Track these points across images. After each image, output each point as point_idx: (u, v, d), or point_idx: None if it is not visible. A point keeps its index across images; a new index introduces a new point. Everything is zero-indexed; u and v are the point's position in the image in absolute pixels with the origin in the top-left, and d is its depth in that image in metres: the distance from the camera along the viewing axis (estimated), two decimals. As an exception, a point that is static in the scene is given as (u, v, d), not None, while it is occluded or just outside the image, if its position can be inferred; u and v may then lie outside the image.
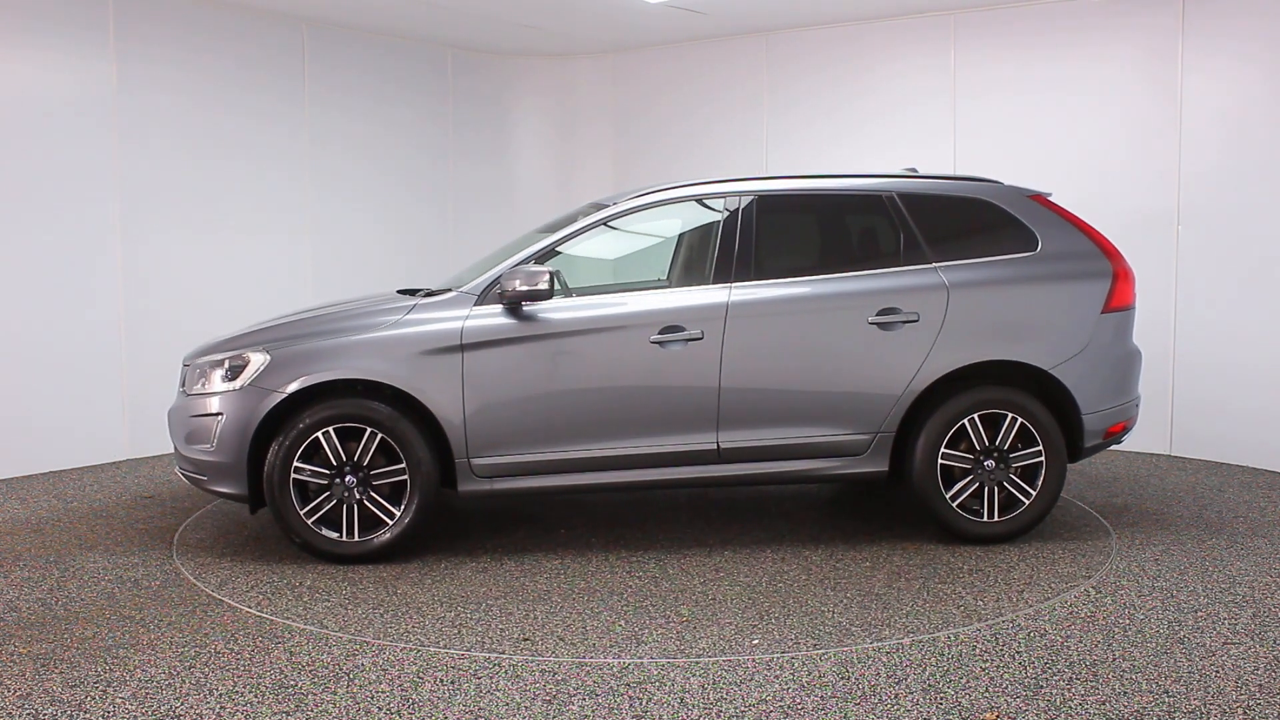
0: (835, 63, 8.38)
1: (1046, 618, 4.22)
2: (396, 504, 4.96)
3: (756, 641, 3.99)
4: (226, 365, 5.04)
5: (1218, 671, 3.69)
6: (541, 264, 5.11)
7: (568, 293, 5.21)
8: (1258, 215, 6.75)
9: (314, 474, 4.91)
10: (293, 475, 4.89)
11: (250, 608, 4.39)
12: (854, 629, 4.11)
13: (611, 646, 3.97)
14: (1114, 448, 6.60)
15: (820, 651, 3.90)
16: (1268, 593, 4.50)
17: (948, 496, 5.13)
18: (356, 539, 4.94)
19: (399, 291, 5.56)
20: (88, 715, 3.40)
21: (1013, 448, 5.16)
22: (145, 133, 7.28)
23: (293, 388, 4.89)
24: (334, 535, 4.94)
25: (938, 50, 7.92)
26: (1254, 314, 6.80)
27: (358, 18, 8.14)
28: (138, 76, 7.22)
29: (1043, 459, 5.15)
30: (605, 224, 5.27)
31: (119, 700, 3.51)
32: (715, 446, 5.08)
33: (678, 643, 4.00)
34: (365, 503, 4.94)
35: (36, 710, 3.44)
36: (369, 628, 4.16)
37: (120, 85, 7.15)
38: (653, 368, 5.04)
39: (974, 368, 5.19)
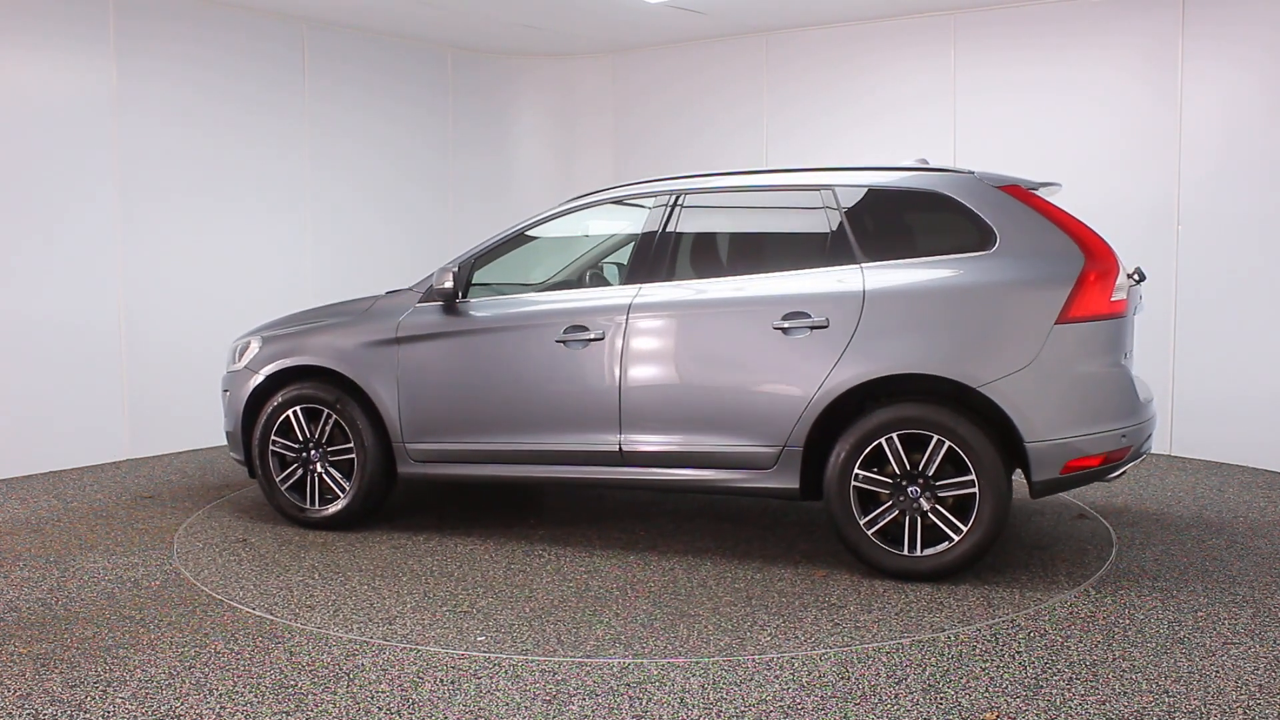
0: (835, 63, 8.39)
1: (1046, 618, 4.22)
2: (350, 479, 5.46)
3: (482, 639, 4.04)
4: (238, 349, 5.83)
5: (1218, 671, 3.69)
6: (485, 263, 5.38)
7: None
8: (1257, 216, 6.76)
9: (286, 447, 5.56)
10: (271, 447, 5.56)
11: (250, 608, 4.40)
12: (582, 642, 4.02)
13: (360, 624, 4.20)
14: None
15: (820, 651, 3.90)
16: (1268, 593, 4.50)
17: (863, 523, 4.61)
18: (315, 507, 5.53)
19: (388, 292, 5.75)
20: (88, 715, 3.40)
21: (941, 474, 4.54)
22: (145, 132, 7.28)
23: (267, 371, 5.58)
24: (299, 502, 5.55)
25: (938, 50, 7.92)
26: (1254, 314, 6.80)
27: (357, 18, 8.14)
28: (138, 76, 7.22)
29: (975, 489, 4.48)
30: (547, 223, 5.43)
31: (119, 700, 3.51)
32: (618, 448, 5.01)
33: (429, 630, 4.14)
34: (324, 476, 5.52)
35: (36, 710, 3.44)
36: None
37: (120, 85, 7.15)
38: (557, 366, 5.09)
39: (900, 381, 4.63)
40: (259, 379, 5.59)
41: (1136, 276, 4.92)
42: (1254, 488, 6.33)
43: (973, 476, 4.48)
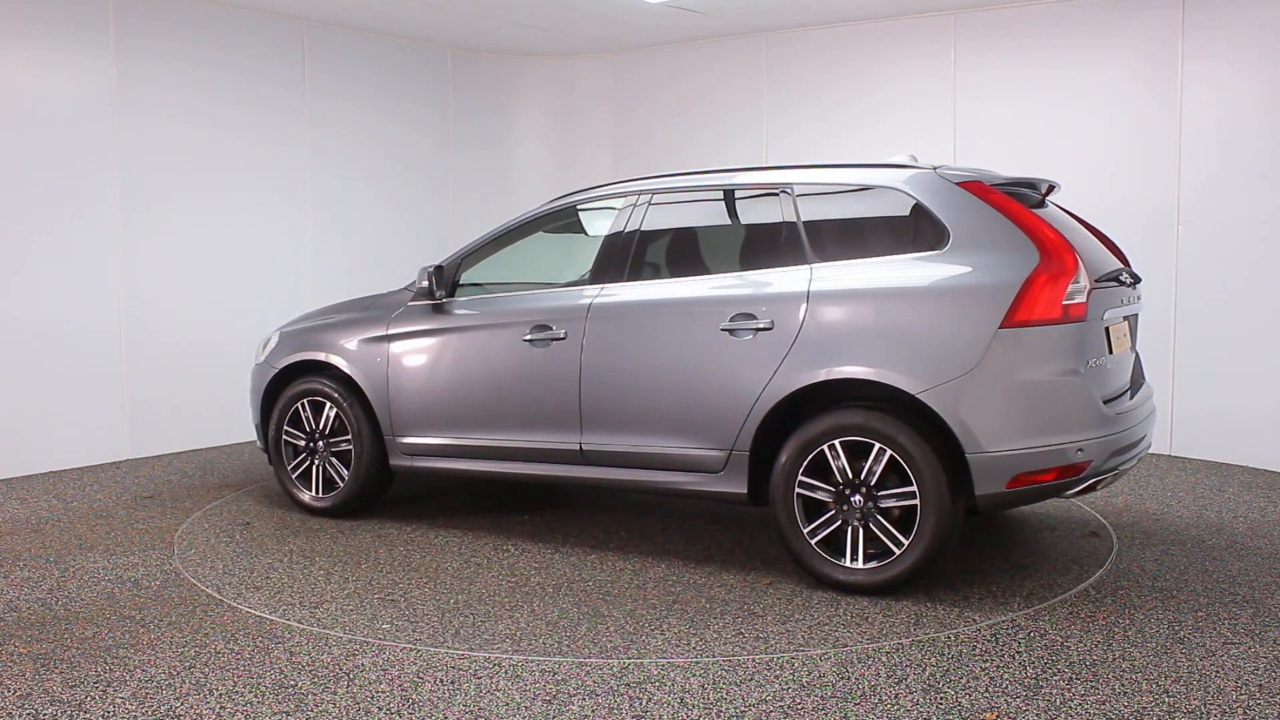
0: (835, 63, 8.39)
1: (1046, 618, 4.22)
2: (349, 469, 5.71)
3: (387, 626, 4.14)
4: (262, 343, 6.12)
5: (1218, 671, 3.69)
6: (471, 263, 5.52)
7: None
8: (1258, 216, 6.76)
9: (297, 438, 5.82)
10: (284, 438, 5.85)
11: (250, 608, 4.40)
12: (476, 634, 4.06)
13: (286, 606, 4.42)
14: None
15: (821, 651, 3.90)
16: (1268, 593, 4.50)
17: (806, 531, 4.47)
18: (320, 495, 5.78)
19: (389, 292, 5.92)
20: (88, 715, 3.40)
21: (884, 484, 4.34)
22: (145, 132, 7.28)
23: (281, 364, 5.87)
24: (304, 489, 5.82)
25: (938, 50, 7.92)
26: (1254, 314, 6.81)
27: (357, 17, 8.14)
28: (138, 76, 7.22)
29: (917, 501, 4.26)
30: (530, 224, 5.50)
31: (119, 700, 3.51)
32: (579, 447, 5.04)
33: (342, 616, 4.27)
34: (326, 466, 5.75)
35: (36, 710, 3.44)
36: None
37: (120, 85, 7.15)
38: (524, 365, 5.16)
39: (856, 386, 4.43)
40: (275, 372, 5.88)
41: (1129, 278, 4.81)
42: (1254, 488, 6.33)
43: (914, 488, 4.27)
